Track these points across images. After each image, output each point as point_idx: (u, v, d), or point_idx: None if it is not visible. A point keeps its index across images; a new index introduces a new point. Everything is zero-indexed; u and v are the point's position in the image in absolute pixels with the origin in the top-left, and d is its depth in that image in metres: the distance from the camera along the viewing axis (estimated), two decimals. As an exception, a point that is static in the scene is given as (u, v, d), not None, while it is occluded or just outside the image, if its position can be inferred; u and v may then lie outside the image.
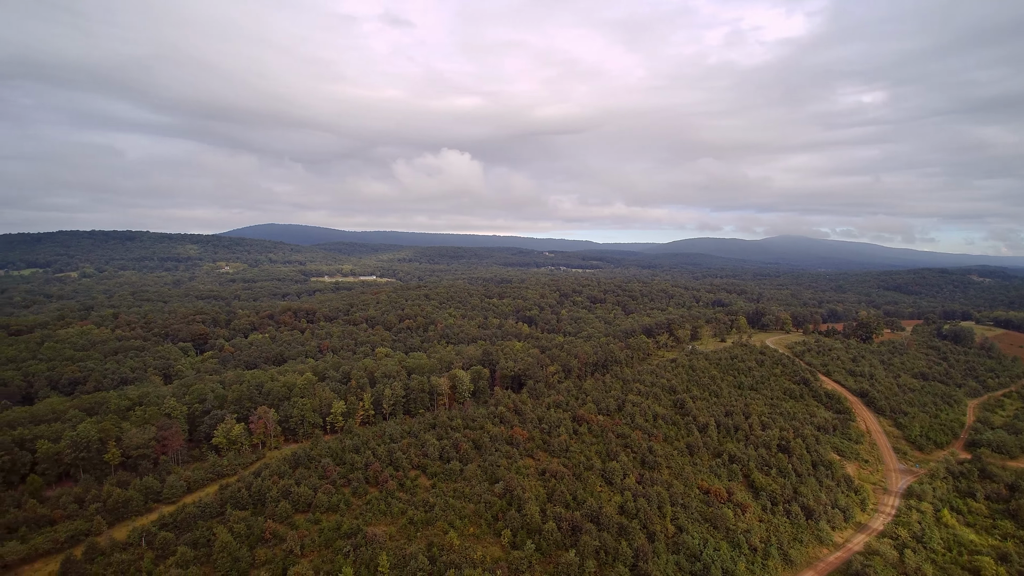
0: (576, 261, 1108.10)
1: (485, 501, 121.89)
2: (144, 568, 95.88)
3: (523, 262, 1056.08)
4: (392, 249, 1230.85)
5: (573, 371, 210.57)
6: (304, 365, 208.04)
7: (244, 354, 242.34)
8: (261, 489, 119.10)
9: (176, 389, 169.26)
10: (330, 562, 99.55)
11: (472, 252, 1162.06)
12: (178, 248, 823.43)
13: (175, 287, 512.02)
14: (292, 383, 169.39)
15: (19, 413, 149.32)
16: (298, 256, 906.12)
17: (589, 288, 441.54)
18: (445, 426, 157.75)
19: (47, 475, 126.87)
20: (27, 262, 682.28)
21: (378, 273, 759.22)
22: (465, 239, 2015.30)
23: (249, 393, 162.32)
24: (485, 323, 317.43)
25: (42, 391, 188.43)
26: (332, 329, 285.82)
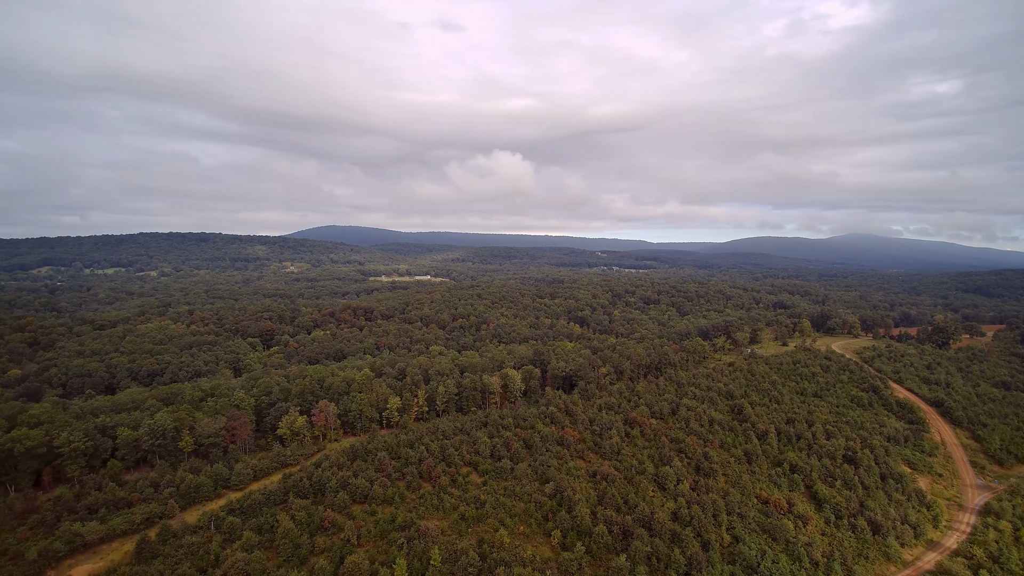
0: (629, 261, 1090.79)
1: (535, 501, 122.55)
2: (212, 551, 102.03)
3: (575, 262, 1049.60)
4: (446, 249, 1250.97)
5: (625, 373, 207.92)
6: (362, 361, 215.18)
7: (307, 350, 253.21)
8: (321, 479, 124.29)
9: (245, 382, 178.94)
10: (384, 553, 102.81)
11: (524, 252, 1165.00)
12: (248, 249, 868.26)
13: (245, 286, 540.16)
14: (351, 378, 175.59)
15: (102, 402, 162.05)
16: (357, 256, 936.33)
17: (642, 288, 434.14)
18: (496, 424, 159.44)
19: (126, 460, 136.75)
20: (111, 262, 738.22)
21: (433, 273, 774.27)
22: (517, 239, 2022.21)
23: (311, 387, 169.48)
24: (536, 323, 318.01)
25: (123, 382, 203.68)
26: (389, 327, 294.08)
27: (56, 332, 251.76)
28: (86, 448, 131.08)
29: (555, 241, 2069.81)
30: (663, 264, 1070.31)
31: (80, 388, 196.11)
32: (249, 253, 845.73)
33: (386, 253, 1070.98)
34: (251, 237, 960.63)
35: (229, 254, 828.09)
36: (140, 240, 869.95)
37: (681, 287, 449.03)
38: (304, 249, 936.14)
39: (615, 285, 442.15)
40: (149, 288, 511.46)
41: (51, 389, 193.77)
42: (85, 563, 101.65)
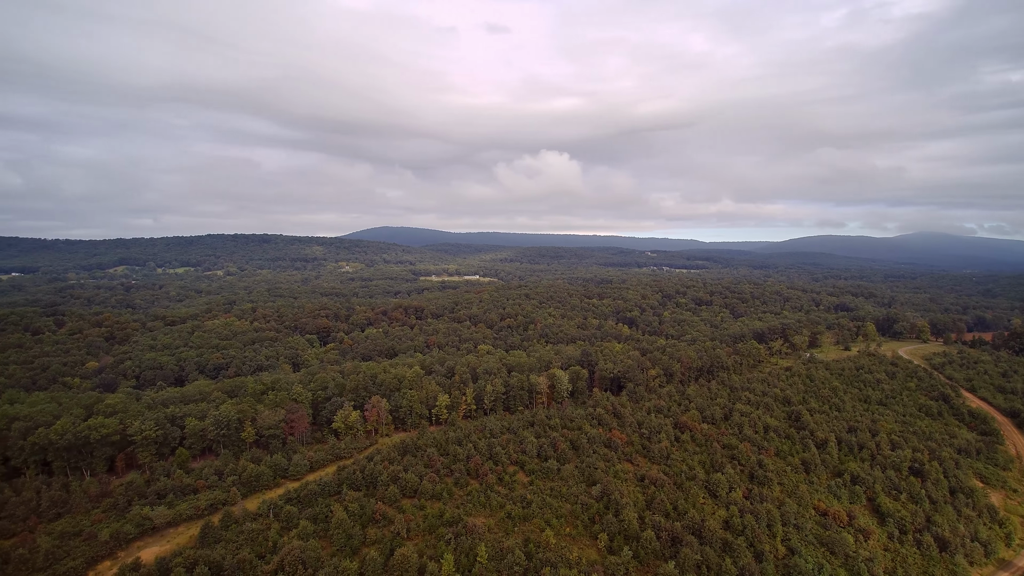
0: (680, 261, 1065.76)
1: (582, 502, 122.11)
2: (271, 538, 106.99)
3: (623, 262, 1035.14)
4: (494, 249, 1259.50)
5: (675, 376, 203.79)
6: (413, 359, 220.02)
7: (361, 347, 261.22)
8: (373, 473, 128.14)
9: (303, 377, 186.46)
10: (433, 547, 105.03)
11: (572, 252, 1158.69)
12: (306, 249, 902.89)
13: (303, 284, 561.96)
14: (402, 375, 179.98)
15: (172, 393, 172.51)
16: (408, 256, 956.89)
17: (694, 289, 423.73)
18: (543, 424, 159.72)
19: (193, 449, 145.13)
20: (181, 261, 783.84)
21: (481, 273, 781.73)
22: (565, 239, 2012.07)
23: (364, 383, 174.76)
24: (584, 323, 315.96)
25: (191, 375, 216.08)
26: (438, 326, 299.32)
27: (131, 327, 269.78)
28: (157, 436, 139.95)
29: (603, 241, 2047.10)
30: (716, 264, 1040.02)
31: (152, 380, 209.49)
32: (307, 253, 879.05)
33: (436, 253, 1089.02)
34: (309, 238, 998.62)
35: (289, 254, 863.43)
36: (207, 241, 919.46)
37: (735, 288, 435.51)
38: (359, 249, 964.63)
39: (665, 285, 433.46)
40: (216, 286, 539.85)
41: (125, 380, 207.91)
42: (153, 545, 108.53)
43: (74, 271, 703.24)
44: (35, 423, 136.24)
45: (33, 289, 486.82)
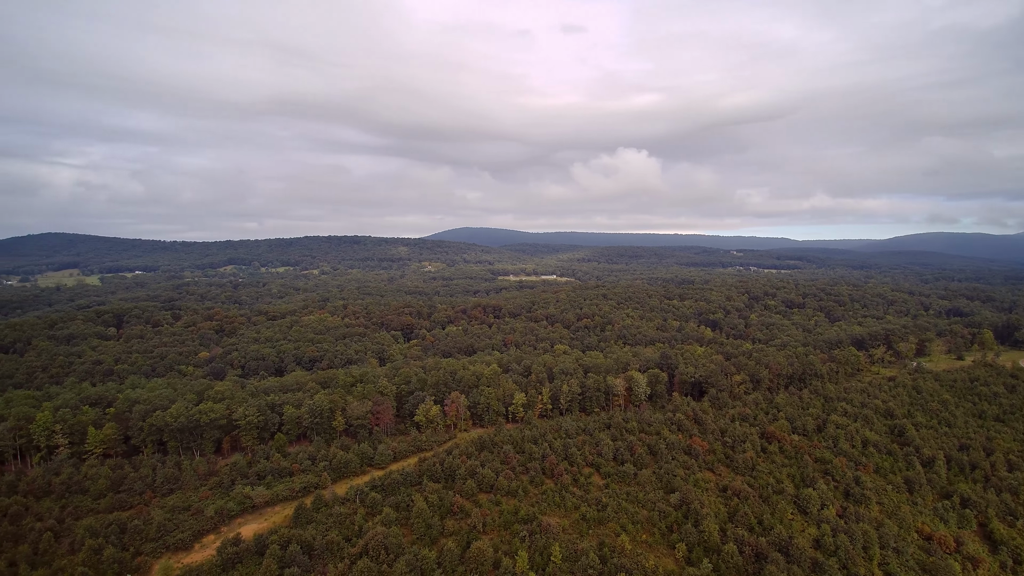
0: (769, 260, 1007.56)
1: (659, 510, 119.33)
2: (357, 522, 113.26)
3: (707, 262, 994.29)
4: (571, 249, 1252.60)
5: (763, 382, 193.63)
6: (490, 357, 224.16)
7: (441, 344, 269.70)
8: (452, 466, 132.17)
9: (388, 371, 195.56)
10: (507, 543, 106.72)
11: (652, 251, 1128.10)
12: (392, 250, 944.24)
13: (389, 283, 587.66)
14: (480, 373, 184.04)
15: (272, 383, 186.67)
16: (487, 256, 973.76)
17: (784, 290, 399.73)
18: (620, 427, 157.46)
19: (289, 434, 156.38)
20: (282, 261, 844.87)
21: (558, 272, 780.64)
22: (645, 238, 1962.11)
23: (445, 379, 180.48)
24: (664, 325, 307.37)
25: (289, 366, 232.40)
26: (515, 325, 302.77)
27: (237, 321, 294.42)
28: (258, 422, 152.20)
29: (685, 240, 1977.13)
30: (809, 264, 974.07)
31: (255, 370, 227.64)
32: (393, 253, 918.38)
33: (514, 253, 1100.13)
34: (395, 239, 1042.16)
35: (377, 254, 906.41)
36: (305, 243, 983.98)
37: (831, 289, 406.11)
38: (440, 250, 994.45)
39: (752, 286, 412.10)
40: (311, 284, 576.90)
41: (232, 370, 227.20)
42: (252, 523, 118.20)
43: (189, 270, 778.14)
44: (153, 406, 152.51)
45: (154, 286, 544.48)
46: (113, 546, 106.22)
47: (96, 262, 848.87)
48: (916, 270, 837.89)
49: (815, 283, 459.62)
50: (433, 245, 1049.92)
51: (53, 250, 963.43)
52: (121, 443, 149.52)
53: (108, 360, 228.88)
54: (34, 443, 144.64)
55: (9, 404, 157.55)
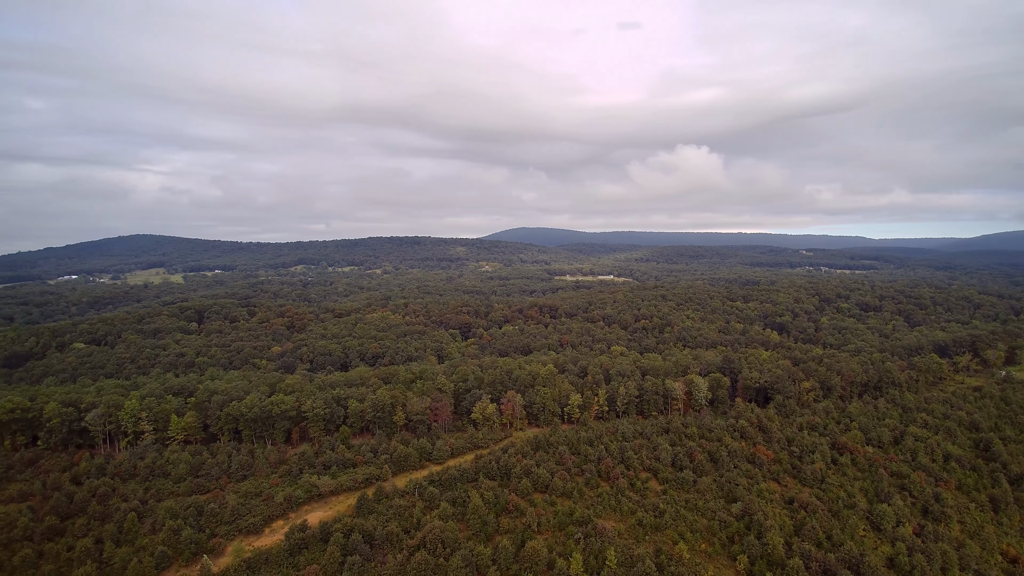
0: (841, 260, 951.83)
1: (720, 519, 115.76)
2: (415, 515, 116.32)
3: (774, 262, 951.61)
4: (629, 249, 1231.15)
5: (834, 390, 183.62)
6: (546, 357, 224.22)
7: (498, 343, 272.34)
8: (507, 464, 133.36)
9: (446, 368, 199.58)
10: (562, 544, 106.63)
11: (714, 251, 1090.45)
12: (451, 250, 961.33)
13: (448, 283, 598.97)
14: (536, 372, 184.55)
15: (338, 377, 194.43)
16: (544, 256, 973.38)
17: (859, 292, 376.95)
18: (679, 432, 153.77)
19: (353, 427, 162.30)
20: (348, 261, 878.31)
21: (615, 273, 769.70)
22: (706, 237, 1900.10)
23: (501, 378, 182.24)
24: (726, 327, 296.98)
25: (354, 361, 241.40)
26: (571, 325, 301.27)
27: (307, 318, 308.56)
28: (325, 414, 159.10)
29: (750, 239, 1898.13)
30: (887, 264, 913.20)
31: (323, 364, 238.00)
32: (452, 254, 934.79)
33: (570, 253, 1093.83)
34: (453, 240, 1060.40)
35: (436, 255, 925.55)
36: (368, 243, 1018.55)
37: (911, 291, 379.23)
38: (497, 250, 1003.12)
39: (823, 288, 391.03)
40: (375, 284, 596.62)
41: (302, 364, 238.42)
42: (318, 510, 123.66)
43: (263, 269, 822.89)
44: (230, 397, 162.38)
45: (231, 284, 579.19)
46: (191, 528, 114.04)
47: (180, 261, 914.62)
48: (1006, 271, 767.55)
49: (893, 285, 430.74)
50: (490, 245, 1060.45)
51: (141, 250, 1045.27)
52: (200, 430, 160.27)
53: (190, 353, 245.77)
54: (122, 429, 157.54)
55: (101, 392, 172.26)
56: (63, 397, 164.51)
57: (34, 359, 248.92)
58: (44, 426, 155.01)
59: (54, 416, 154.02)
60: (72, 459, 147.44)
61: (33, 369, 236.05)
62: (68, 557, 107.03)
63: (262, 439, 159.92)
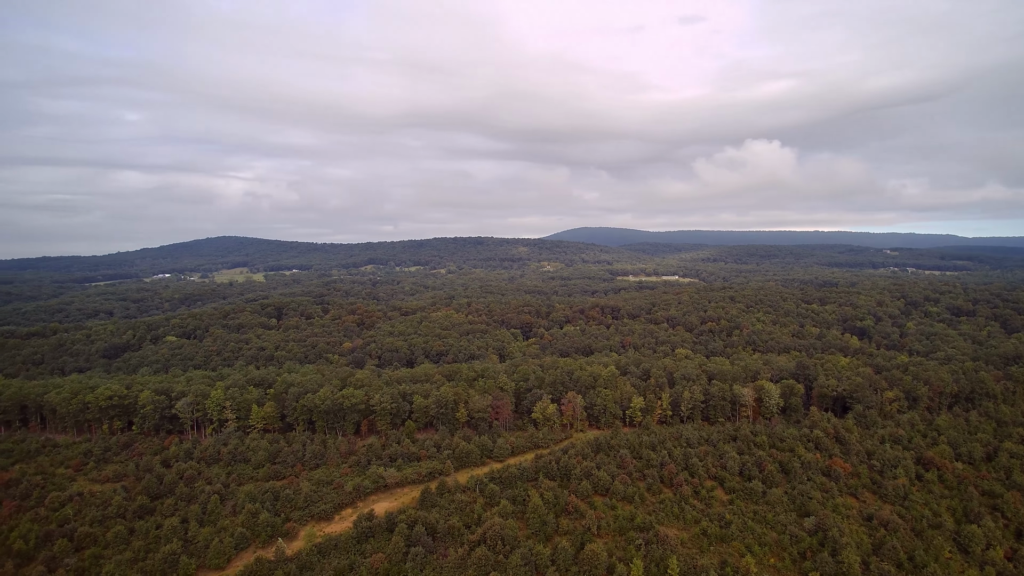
0: (931, 261, 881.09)
1: (791, 533, 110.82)
2: (476, 511, 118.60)
3: (854, 262, 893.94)
4: (695, 248, 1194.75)
5: (921, 401, 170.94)
6: (608, 358, 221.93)
7: (559, 343, 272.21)
8: (567, 465, 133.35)
9: (507, 367, 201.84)
10: (622, 549, 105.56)
11: (787, 251, 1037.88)
12: (512, 250, 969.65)
13: (509, 283, 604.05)
14: (597, 374, 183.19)
15: (404, 373, 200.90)
16: (606, 256, 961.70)
17: (949, 295, 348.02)
18: (747, 440, 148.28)
19: (417, 422, 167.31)
20: (414, 261, 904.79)
21: (680, 273, 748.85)
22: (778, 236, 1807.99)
23: (561, 378, 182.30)
24: (801, 331, 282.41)
25: (419, 358, 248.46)
26: (634, 326, 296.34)
27: (375, 316, 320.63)
28: (392, 408, 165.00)
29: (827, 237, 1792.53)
30: (981, 265, 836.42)
31: (390, 360, 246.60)
32: (513, 254, 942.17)
33: (633, 253, 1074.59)
34: (515, 240, 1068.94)
35: (498, 255, 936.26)
36: (433, 244, 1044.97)
37: (1009, 295, 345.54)
38: (559, 250, 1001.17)
39: (909, 290, 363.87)
40: (439, 283, 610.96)
41: (371, 360, 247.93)
42: (384, 501, 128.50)
43: (336, 268, 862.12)
44: (305, 389, 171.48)
45: (307, 283, 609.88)
46: (268, 511, 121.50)
47: (261, 261, 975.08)
48: None
49: (988, 287, 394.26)
50: (552, 245, 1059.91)
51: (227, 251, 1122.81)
52: (278, 420, 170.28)
53: (269, 347, 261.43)
54: (208, 416, 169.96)
55: (189, 382, 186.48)
56: (156, 386, 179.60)
57: (131, 350, 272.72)
58: (138, 412, 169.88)
59: (148, 403, 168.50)
60: (163, 443, 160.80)
61: (130, 360, 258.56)
62: (156, 535, 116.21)
63: (334, 430, 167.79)
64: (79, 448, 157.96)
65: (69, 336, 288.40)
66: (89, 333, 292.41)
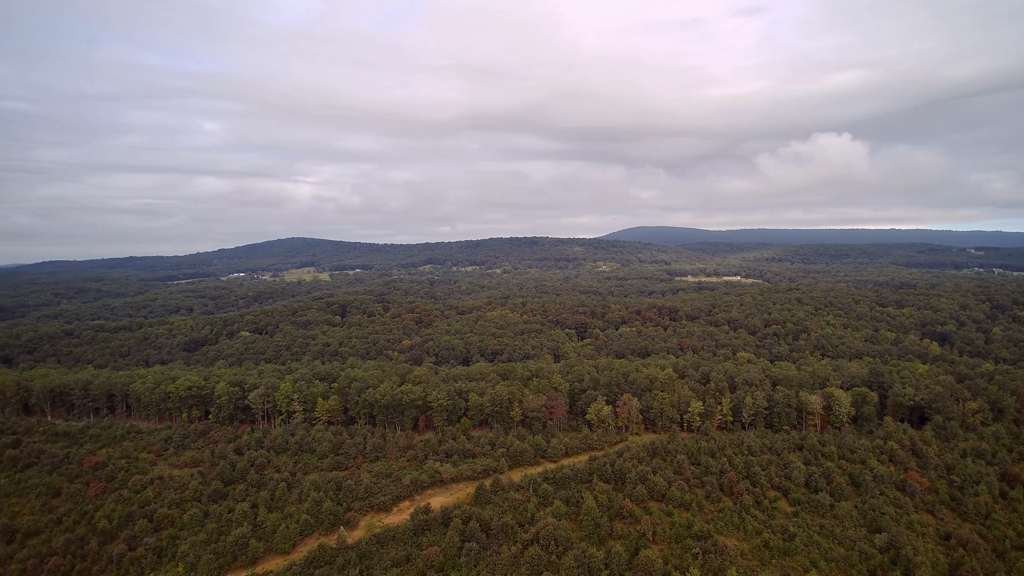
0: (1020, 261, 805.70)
1: (860, 550, 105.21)
2: (529, 510, 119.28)
3: (934, 262, 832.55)
4: (758, 248, 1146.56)
5: (1008, 412, 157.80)
6: (665, 360, 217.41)
7: (614, 344, 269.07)
8: (622, 469, 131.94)
9: (562, 368, 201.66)
10: (678, 557, 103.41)
11: (859, 250, 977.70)
12: (567, 250, 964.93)
13: (565, 282, 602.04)
14: (654, 376, 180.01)
15: (460, 371, 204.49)
16: (663, 256, 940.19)
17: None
18: (814, 450, 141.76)
19: (473, 419, 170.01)
20: (470, 261, 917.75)
21: (742, 273, 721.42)
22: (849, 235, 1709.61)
23: (617, 380, 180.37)
24: (874, 336, 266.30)
25: (474, 357, 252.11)
26: (693, 328, 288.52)
27: (433, 315, 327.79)
28: (448, 405, 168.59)
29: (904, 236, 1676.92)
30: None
31: (446, 358, 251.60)
32: (568, 253, 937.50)
33: (692, 252, 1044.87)
34: (570, 240, 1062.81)
35: (553, 255, 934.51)
36: (489, 244, 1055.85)
37: None
38: (615, 249, 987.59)
39: (996, 292, 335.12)
40: (495, 283, 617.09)
41: (428, 357, 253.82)
42: (439, 495, 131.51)
43: (396, 268, 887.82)
44: (366, 384, 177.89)
45: (369, 282, 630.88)
46: (331, 500, 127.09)
47: (327, 261, 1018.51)
48: None
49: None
50: (607, 245, 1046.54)
51: (295, 251, 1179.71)
52: (341, 413, 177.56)
53: (334, 343, 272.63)
54: (277, 408, 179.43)
55: (261, 375, 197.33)
56: (230, 378, 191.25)
57: (208, 344, 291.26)
58: (214, 402, 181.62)
59: (223, 394, 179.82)
60: (236, 432, 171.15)
61: (208, 353, 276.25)
62: (228, 518, 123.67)
63: (393, 424, 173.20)
64: (160, 435, 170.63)
65: (153, 330, 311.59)
66: (171, 328, 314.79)
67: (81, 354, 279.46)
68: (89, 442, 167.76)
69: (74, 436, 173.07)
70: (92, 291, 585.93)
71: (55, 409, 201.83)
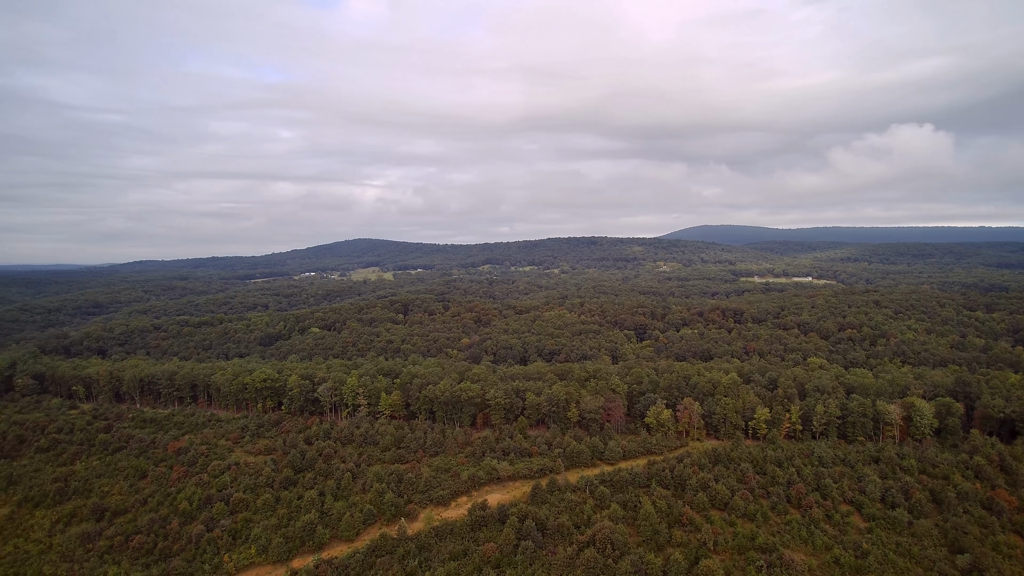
0: None
1: (940, 571, 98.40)
2: (586, 512, 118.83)
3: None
4: (831, 247, 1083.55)
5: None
6: (729, 364, 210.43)
7: (675, 346, 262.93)
8: (682, 475, 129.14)
9: (620, 369, 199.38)
10: (741, 569, 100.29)
11: (945, 249, 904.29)
12: (626, 250, 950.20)
13: (623, 283, 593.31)
14: (717, 380, 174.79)
15: (517, 370, 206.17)
16: (727, 256, 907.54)
17: None
18: (892, 463, 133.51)
19: (529, 419, 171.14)
20: (528, 261, 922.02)
21: (814, 274, 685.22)
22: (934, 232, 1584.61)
23: (677, 383, 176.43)
24: (962, 343, 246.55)
25: (532, 356, 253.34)
26: (759, 331, 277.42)
27: (491, 314, 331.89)
28: (505, 404, 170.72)
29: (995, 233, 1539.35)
30: None
31: (504, 357, 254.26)
32: (627, 253, 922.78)
33: (759, 252, 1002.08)
34: (629, 239, 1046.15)
35: (612, 254, 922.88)
36: (547, 244, 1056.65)
37: None
38: (676, 249, 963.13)
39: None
40: (552, 282, 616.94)
41: (486, 356, 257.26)
42: (496, 492, 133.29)
43: (455, 268, 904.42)
44: (427, 381, 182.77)
45: (430, 281, 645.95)
46: (392, 492, 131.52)
47: (391, 261, 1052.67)
48: None
49: None
50: (668, 244, 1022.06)
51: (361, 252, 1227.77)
52: (403, 408, 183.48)
53: (397, 340, 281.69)
54: (344, 401, 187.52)
55: (329, 370, 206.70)
56: (302, 372, 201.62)
57: (282, 340, 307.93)
58: (287, 394, 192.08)
59: (294, 387, 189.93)
60: (306, 423, 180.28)
61: (281, 347, 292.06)
62: (297, 504, 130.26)
63: (452, 421, 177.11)
64: (237, 423, 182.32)
65: (232, 326, 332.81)
66: (248, 323, 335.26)
67: (167, 347, 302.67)
68: (173, 428, 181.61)
69: (160, 422, 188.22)
70: (178, 289, 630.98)
71: (143, 397, 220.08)
